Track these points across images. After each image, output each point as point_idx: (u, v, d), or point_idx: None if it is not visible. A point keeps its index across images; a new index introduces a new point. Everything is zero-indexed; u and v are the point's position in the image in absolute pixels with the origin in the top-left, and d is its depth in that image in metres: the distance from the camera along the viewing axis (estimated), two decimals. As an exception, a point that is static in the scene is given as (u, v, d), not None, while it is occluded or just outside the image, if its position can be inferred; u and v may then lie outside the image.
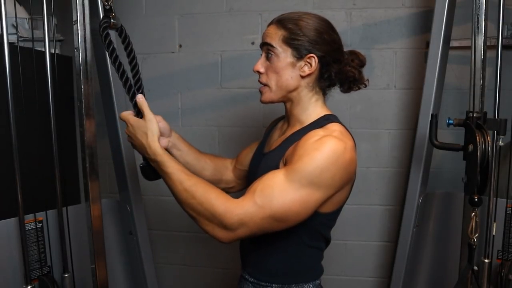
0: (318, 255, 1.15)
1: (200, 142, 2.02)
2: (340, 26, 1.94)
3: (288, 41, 1.06)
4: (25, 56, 1.38)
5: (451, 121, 1.33)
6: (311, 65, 1.07)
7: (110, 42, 1.05)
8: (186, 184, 0.98)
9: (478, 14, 1.30)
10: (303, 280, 1.12)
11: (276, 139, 1.18)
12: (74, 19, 1.24)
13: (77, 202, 1.63)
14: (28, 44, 1.50)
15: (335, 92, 2.08)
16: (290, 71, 1.07)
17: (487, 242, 1.42)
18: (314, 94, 1.11)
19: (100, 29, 1.04)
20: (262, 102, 1.12)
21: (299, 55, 1.06)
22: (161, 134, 1.07)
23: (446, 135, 1.74)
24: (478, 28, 1.30)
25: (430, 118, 1.34)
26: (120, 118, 1.10)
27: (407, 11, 1.88)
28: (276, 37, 1.07)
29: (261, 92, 1.11)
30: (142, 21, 2.04)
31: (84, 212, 1.35)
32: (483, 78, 1.33)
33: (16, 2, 1.49)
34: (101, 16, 1.11)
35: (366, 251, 2.03)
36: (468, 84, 1.36)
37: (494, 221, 1.41)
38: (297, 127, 1.11)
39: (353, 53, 1.17)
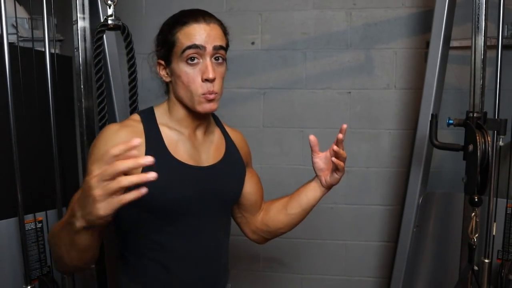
0: None
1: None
2: (340, 26, 1.94)
3: (227, 45, 1.01)
4: (25, 56, 1.37)
5: (451, 121, 1.33)
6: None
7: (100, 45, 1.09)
8: None
9: (478, 14, 1.30)
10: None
11: (208, 149, 1.06)
12: (74, 19, 1.24)
13: (77, 202, 1.62)
14: (28, 44, 1.49)
15: (336, 92, 2.06)
16: None
17: (487, 242, 1.42)
18: None
19: (96, 33, 1.07)
20: (211, 111, 0.98)
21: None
22: None
23: (446, 135, 1.74)
24: (478, 28, 1.30)
25: (430, 118, 1.34)
26: None
27: (407, 11, 1.88)
28: (224, 40, 0.99)
29: (211, 100, 0.96)
30: (142, 21, 2.04)
31: (84, 212, 1.35)
32: (483, 78, 1.33)
33: (16, 2, 1.49)
34: (101, 16, 1.12)
35: (366, 251, 2.03)
36: (468, 84, 1.36)
37: (494, 221, 1.41)
38: (215, 128, 1.10)
39: None
